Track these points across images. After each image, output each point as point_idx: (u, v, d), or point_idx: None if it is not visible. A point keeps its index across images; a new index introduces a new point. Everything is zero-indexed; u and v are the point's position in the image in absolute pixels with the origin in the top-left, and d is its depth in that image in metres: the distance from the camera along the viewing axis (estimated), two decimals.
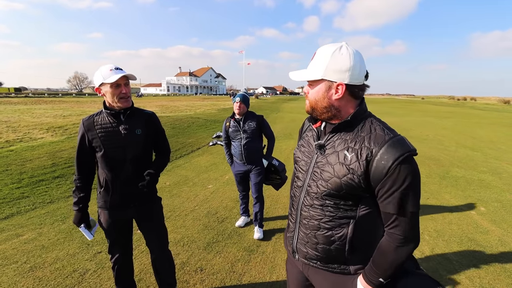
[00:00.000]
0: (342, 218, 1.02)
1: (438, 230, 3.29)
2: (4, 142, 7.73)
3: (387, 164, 0.89)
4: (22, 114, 13.27)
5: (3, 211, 3.73)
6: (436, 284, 0.98)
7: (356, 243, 1.03)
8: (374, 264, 0.99)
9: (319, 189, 1.04)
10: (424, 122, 15.61)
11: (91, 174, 1.77)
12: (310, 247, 1.11)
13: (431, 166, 6.20)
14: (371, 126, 0.99)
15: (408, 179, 0.89)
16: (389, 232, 0.96)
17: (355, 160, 0.95)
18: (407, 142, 0.93)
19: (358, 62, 0.97)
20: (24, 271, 2.44)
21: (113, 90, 1.59)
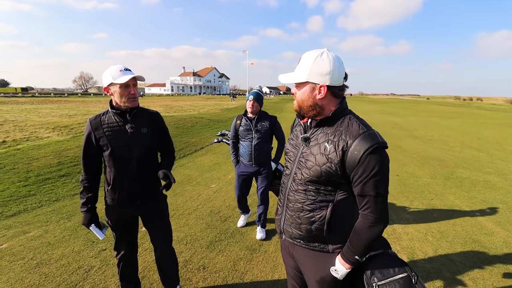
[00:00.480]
0: (322, 202, 1.17)
1: (441, 231, 3.27)
2: (11, 141, 7.85)
3: (359, 154, 1.04)
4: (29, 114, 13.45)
5: (10, 209, 3.80)
6: (403, 263, 1.13)
7: (333, 224, 1.17)
8: (350, 243, 1.14)
9: (303, 176, 1.19)
10: (429, 123, 15.49)
11: (98, 173, 1.78)
12: (295, 227, 1.25)
13: (436, 166, 6.16)
14: (349, 121, 1.13)
15: (377, 167, 1.03)
16: (363, 213, 1.11)
17: (333, 151, 1.10)
18: (377, 136, 1.07)
19: (337, 66, 1.11)
20: (31, 267, 2.49)
21: (122, 90, 1.63)
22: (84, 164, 1.73)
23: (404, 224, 3.45)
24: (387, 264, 1.12)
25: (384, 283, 1.08)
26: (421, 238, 3.12)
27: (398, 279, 1.07)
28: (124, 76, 1.59)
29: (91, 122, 1.68)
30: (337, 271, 1.17)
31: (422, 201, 4.19)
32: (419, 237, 3.14)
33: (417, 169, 5.92)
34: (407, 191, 4.60)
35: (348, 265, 1.14)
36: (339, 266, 1.16)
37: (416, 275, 1.09)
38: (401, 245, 2.96)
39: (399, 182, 5.09)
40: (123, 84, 1.60)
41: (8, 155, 6.47)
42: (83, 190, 1.74)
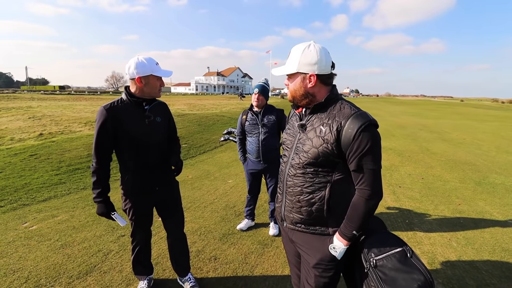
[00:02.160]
0: (320, 183, 1.22)
1: (467, 238, 3.06)
2: (48, 134, 8.47)
3: (353, 131, 1.10)
4: (65, 109, 14.42)
5: (42, 194, 4.10)
6: (398, 239, 1.18)
7: (332, 203, 1.22)
8: (348, 219, 1.19)
9: (301, 159, 1.24)
10: (461, 125, 14.53)
11: (109, 162, 1.79)
12: (296, 211, 1.30)
13: (466, 171, 5.77)
14: (341, 105, 1.21)
15: (370, 142, 1.10)
16: (359, 189, 1.17)
17: (328, 132, 1.16)
18: (368, 115, 1.14)
19: (323, 55, 1.18)
20: (56, 248, 2.68)
21: (158, 82, 1.74)
22: (98, 152, 1.70)
23: (427, 228, 3.27)
24: (383, 241, 1.18)
25: (381, 257, 1.12)
26: (444, 243, 2.94)
27: (394, 253, 1.12)
28: (165, 70, 1.74)
29: (107, 110, 1.67)
30: (335, 249, 1.21)
31: (448, 206, 3.94)
32: (442, 242, 2.96)
33: (445, 173, 5.59)
34: (432, 195, 4.35)
35: (345, 241, 1.18)
36: (337, 242, 1.21)
37: (411, 250, 1.13)
38: (422, 250, 2.81)
39: (424, 185, 4.83)
40: (160, 76, 1.71)
41: (44, 146, 6.98)
42: (96, 180, 1.72)
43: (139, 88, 1.72)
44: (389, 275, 1.08)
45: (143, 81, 1.69)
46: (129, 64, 1.67)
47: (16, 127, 9.24)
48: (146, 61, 1.67)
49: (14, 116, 11.33)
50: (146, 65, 1.66)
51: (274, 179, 2.94)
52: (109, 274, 2.30)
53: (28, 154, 6.22)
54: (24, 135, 8.23)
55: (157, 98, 1.86)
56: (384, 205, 3.93)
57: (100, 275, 2.29)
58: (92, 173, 1.73)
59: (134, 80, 1.69)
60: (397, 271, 1.08)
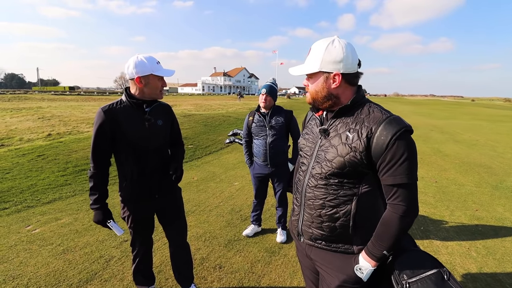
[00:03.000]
0: (346, 196, 1.08)
1: (488, 247, 2.87)
2: (56, 134, 8.53)
3: (387, 139, 0.97)
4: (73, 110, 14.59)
5: (47, 196, 4.07)
6: (433, 259, 1.04)
7: (359, 219, 1.09)
8: (377, 237, 1.05)
9: (323, 169, 1.10)
10: (474, 126, 14.11)
11: (108, 167, 1.69)
12: (315, 227, 1.16)
13: (482, 174, 5.53)
14: (369, 109, 1.08)
15: (406, 152, 0.97)
16: (392, 203, 1.02)
17: (357, 139, 1.03)
18: (402, 120, 1.01)
19: (350, 52, 1.06)
20: (57, 253, 2.61)
21: (159, 82, 1.64)
22: (95, 156, 1.60)
23: (444, 236, 3.09)
24: (416, 261, 1.03)
25: (415, 280, 0.99)
26: (463, 253, 2.77)
27: (430, 275, 0.98)
28: (166, 69, 1.62)
29: (105, 112, 1.58)
30: (361, 270, 1.07)
31: (465, 212, 3.75)
32: (461, 252, 2.79)
33: (460, 176, 5.36)
34: (447, 200, 4.16)
35: (373, 261, 1.05)
36: (364, 263, 1.07)
37: (448, 271, 0.99)
38: (439, 260, 2.62)
39: (438, 189, 4.62)
40: (161, 76, 1.60)
41: (51, 146, 7.01)
42: (93, 185, 1.61)
43: (139, 88, 1.62)
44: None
45: (143, 81, 1.59)
46: (128, 64, 1.57)
47: (26, 128, 9.34)
48: (146, 60, 1.56)
49: (24, 117, 11.49)
50: (146, 64, 1.56)
51: (282, 184, 2.81)
52: (109, 282, 2.21)
53: (36, 155, 6.24)
54: (33, 136, 8.30)
55: (159, 99, 1.74)
56: None
57: (100, 283, 2.20)
58: (89, 178, 1.63)
59: (134, 80, 1.58)
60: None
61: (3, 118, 11.11)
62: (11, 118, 11.03)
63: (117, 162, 1.72)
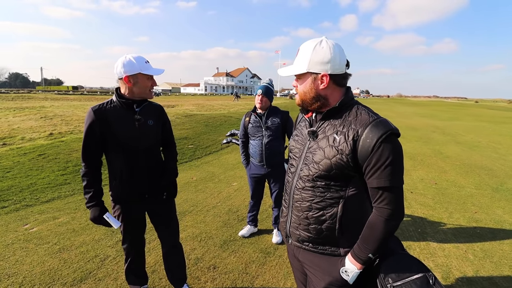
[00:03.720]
0: (332, 198, 1.08)
1: (485, 250, 2.85)
2: (57, 134, 8.59)
3: (372, 142, 0.97)
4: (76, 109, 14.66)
5: (46, 195, 4.10)
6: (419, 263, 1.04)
7: (345, 222, 1.09)
8: (363, 240, 1.05)
9: (310, 171, 1.10)
10: (476, 127, 14.00)
11: (100, 166, 1.71)
12: (302, 228, 1.16)
13: (482, 176, 5.48)
14: (357, 111, 1.07)
15: (391, 155, 0.97)
16: (378, 207, 1.03)
17: (343, 141, 1.03)
18: (389, 123, 1.01)
19: (337, 53, 1.06)
20: (53, 252, 2.62)
21: (147, 81, 1.63)
22: (85, 156, 1.64)
23: (441, 238, 3.07)
24: (401, 264, 1.04)
25: (400, 284, 0.99)
26: (460, 255, 2.74)
27: (415, 279, 0.99)
28: (155, 68, 1.61)
29: (95, 112, 1.59)
30: (347, 273, 1.08)
31: (463, 214, 3.72)
32: (458, 254, 2.77)
33: (460, 178, 5.32)
34: (446, 202, 4.13)
35: (359, 264, 1.06)
36: (350, 266, 1.08)
37: (434, 276, 0.99)
38: (435, 262, 2.62)
39: (438, 191, 4.59)
40: (150, 75, 1.59)
41: (53, 146, 7.06)
42: (87, 184, 1.63)
43: (128, 88, 1.62)
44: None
45: (131, 80, 1.60)
46: (116, 63, 1.58)
47: (28, 127, 9.41)
48: (135, 59, 1.57)
49: (26, 116, 11.57)
50: (134, 63, 1.56)
51: (278, 184, 2.82)
52: (103, 281, 2.22)
53: (37, 154, 6.28)
54: (34, 135, 8.36)
55: (148, 99, 1.73)
56: None
57: (94, 282, 2.21)
58: (82, 177, 1.66)
59: (122, 79, 1.59)
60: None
61: (6, 117, 11.20)
62: (14, 117, 11.11)
63: (107, 162, 1.73)
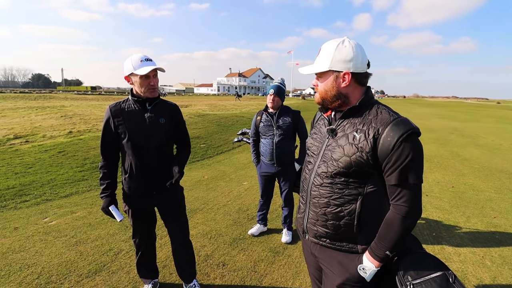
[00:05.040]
0: (351, 195, 1.10)
1: (504, 256, 2.73)
2: (76, 132, 8.91)
3: (393, 140, 0.98)
4: (94, 109, 15.16)
5: (65, 190, 4.27)
6: (438, 261, 1.04)
7: (363, 219, 1.10)
8: (380, 238, 1.06)
9: (329, 168, 1.12)
10: (497, 129, 13.42)
11: (116, 160, 1.80)
12: (320, 224, 1.17)
13: (503, 180, 5.25)
14: (377, 110, 1.09)
15: (411, 154, 0.98)
16: (395, 204, 1.04)
17: (364, 139, 1.04)
18: (410, 122, 1.02)
19: (359, 52, 1.08)
20: (70, 244, 2.73)
21: (142, 81, 1.64)
22: (102, 150, 1.75)
23: (457, 243, 2.97)
24: (421, 263, 1.04)
25: (420, 281, 0.99)
26: (476, 261, 2.65)
27: (434, 277, 0.99)
28: (144, 67, 1.60)
29: (111, 109, 1.69)
30: (364, 270, 1.09)
31: (481, 219, 3.58)
32: (474, 260, 2.67)
33: (479, 182, 5.12)
34: (463, 206, 3.99)
35: (377, 262, 1.06)
36: (367, 263, 1.09)
37: (454, 274, 0.99)
38: (450, 268, 2.52)
39: (455, 194, 4.44)
40: (143, 75, 1.61)
41: (72, 143, 7.33)
42: (102, 176, 1.76)
43: (133, 87, 1.69)
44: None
45: (131, 80, 1.66)
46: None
47: (49, 125, 9.81)
48: (133, 58, 1.62)
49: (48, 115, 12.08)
50: (130, 63, 1.61)
51: (288, 183, 2.82)
52: (117, 274, 2.30)
53: (57, 151, 6.55)
54: (55, 133, 8.71)
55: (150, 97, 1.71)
56: None
57: (108, 275, 2.29)
58: (99, 169, 1.78)
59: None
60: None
61: (29, 116, 11.72)
62: (36, 116, 11.62)
63: (121, 157, 1.81)
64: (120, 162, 1.85)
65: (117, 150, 1.78)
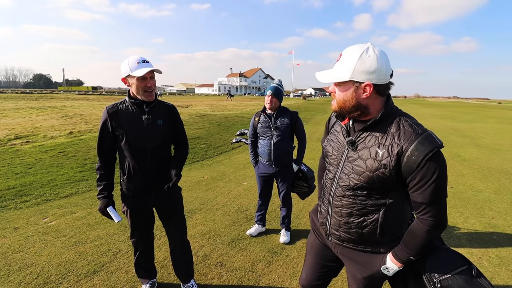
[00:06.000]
0: (373, 206, 1.12)
1: (501, 257, 2.74)
2: (77, 132, 8.94)
3: (418, 159, 0.97)
4: (95, 109, 15.20)
5: (65, 191, 4.29)
6: (461, 256, 1.08)
7: (386, 226, 1.13)
8: (405, 245, 1.09)
9: (351, 181, 1.12)
10: (498, 130, 13.39)
11: (113, 161, 1.82)
12: (344, 231, 1.21)
13: (502, 180, 5.25)
14: (400, 123, 1.05)
15: (436, 172, 0.97)
16: (421, 218, 1.04)
17: (387, 156, 1.03)
18: (435, 138, 0.99)
19: (384, 63, 1.03)
20: (69, 245, 2.75)
21: (138, 83, 1.64)
22: (99, 151, 1.76)
23: (454, 243, 2.97)
24: (446, 259, 1.08)
25: (446, 277, 1.03)
26: (474, 262, 2.65)
27: (459, 272, 1.03)
28: (141, 69, 1.60)
29: (108, 111, 1.70)
30: (388, 269, 1.14)
31: (480, 219, 3.59)
32: (472, 260, 2.64)
33: (478, 182, 5.13)
34: (462, 206, 3.99)
35: (400, 264, 1.11)
36: (391, 265, 1.14)
37: (476, 268, 1.04)
38: None
39: (454, 195, 4.44)
40: (140, 76, 1.61)
41: (72, 144, 7.36)
42: (99, 177, 1.77)
43: (130, 89, 1.70)
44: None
45: (128, 82, 1.67)
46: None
47: (50, 125, 9.85)
48: (130, 60, 1.62)
49: (49, 115, 12.12)
50: (127, 65, 1.61)
51: (286, 184, 2.83)
52: (115, 274, 2.32)
53: (58, 151, 6.58)
54: (56, 133, 8.74)
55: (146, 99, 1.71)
56: None
57: (106, 275, 2.31)
58: (96, 171, 1.78)
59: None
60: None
61: (30, 116, 11.77)
62: (37, 116, 11.66)
63: (119, 158, 1.82)
64: (118, 163, 1.86)
65: (114, 151, 1.79)
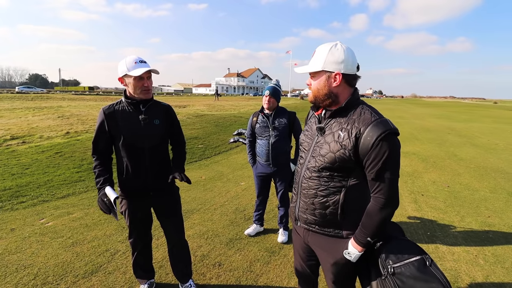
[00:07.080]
0: (335, 187, 1.23)
1: (497, 255, 2.77)
2: (74, 133, 8.89)
3: (372, 140, 1.10)
4: (91, 109, 15.12)
5: (62, 191, 4.27)
6: (417, 247, 1.16)
7: (346, 208, 1.23)
8: (362, 226, 1.19)
9: (317, 163, 1.24)
10: (494, 129, 13.51)
11: (109, 161, 1.81)
12: (309, 213, 1.31)
13: (498, 179, 5.30)
14: (361, 110, 1.19)
15: (388, 152, 1.09)
16: (374, 196, 1.16)
17: (347, 138, 1.15)
18: (389, 123, 1.13)
19: (350, 56, 1.18)
20: (67, 246, 2.74)
21: (136, 82, 1.64)
22: (95, 151, 1.75)
23: (451, 242, 3.00)
24: (401, 248, 1.16)
25: (399, 265, 1.11)
26: (469, 260, 2.68)
27: (413, 261, 1.10)
28: (138, 69, 1.60)
29: (105, 111, 1.70)
30: (350, 254, 1.22)
31: (476, 218, 3.62)
32: (468, 259, 2.70)
33: (474, 181, 5.17)
34: (458, 205, 4.03)
35: (360, 247, 1.19)
36: (352, 249, 1.22)
37: (430, 258, 1.10)
38: (444, 266, 2.57)
39: (450, 194, 4.48)
40: (137, 76, 1.61)
41: (69, 144, 7.32)
42: (97, 175, 1.74)
43: (127, 88, 1.70)
44: (407, 283, 1.07)
45: (125, 81, 1.67)
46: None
47: (46, 126, 9.78)
48: (127, 60, 1.63)
49: (45, 115, 12.04)
50: (124, 65, 1.61)
51: (284, 183, 2.84)
52: (113, 275, 2.31)
53: (54, 152, 6.53)
54: (52, 133, 8.68)
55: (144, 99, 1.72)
56: (405, 214, 3.69)
57: (104, 275, 2.30)
58: (93, 170, 1.78)
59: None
60: (415, 279, 1.06)
61: (26, 116, 11.68)
62: (33, 117, 11.58)
63: (116, 159, 1.82)
64: (115, 163, 1.86)
65: (110, 150, 1.79)
